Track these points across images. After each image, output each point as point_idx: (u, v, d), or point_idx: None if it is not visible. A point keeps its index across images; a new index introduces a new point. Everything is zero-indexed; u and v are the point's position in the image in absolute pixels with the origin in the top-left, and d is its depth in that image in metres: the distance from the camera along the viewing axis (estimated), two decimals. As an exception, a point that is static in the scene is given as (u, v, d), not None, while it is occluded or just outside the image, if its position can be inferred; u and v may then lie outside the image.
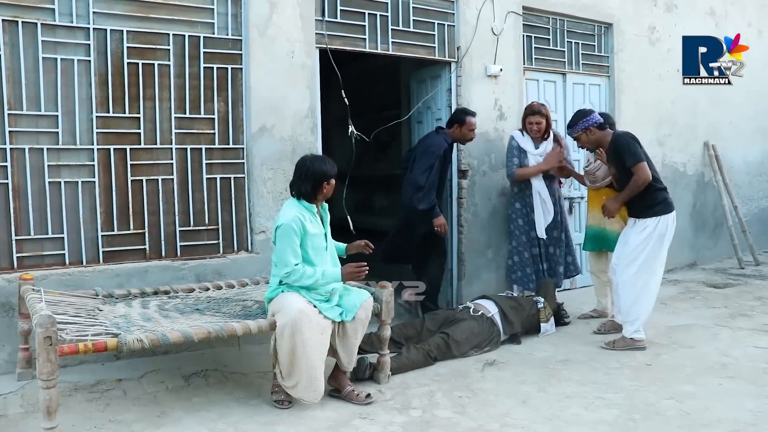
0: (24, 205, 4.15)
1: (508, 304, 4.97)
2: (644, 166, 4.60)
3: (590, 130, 4.82)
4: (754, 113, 8.99)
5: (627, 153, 4.62)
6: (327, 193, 3.81)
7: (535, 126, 5.59)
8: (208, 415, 3.51)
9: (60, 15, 4.19)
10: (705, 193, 8.34)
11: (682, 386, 3.99)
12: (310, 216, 3.74)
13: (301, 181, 3.74)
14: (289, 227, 3.61)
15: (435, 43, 5.81)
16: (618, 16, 7.16)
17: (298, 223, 3.63)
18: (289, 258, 3.61)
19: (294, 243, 3.62)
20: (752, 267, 8.15)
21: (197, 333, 3.37)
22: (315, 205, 3.80)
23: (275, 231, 3.68)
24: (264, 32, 4.81)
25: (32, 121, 4.16)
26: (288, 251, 3.61)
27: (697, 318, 5.56)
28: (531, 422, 3.47)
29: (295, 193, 3.78)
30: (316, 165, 3.73)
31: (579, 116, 4.92)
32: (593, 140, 4.87)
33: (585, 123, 4.83)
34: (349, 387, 3.80)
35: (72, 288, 4.10)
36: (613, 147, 4.72)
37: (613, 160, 4.77)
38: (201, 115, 4.71)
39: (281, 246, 3.63)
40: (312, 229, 3.71)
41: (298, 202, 3.76)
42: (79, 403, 3.63)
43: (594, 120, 4.82)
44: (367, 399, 3.72)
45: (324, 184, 3.75)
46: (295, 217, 3.64)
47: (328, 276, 3.69)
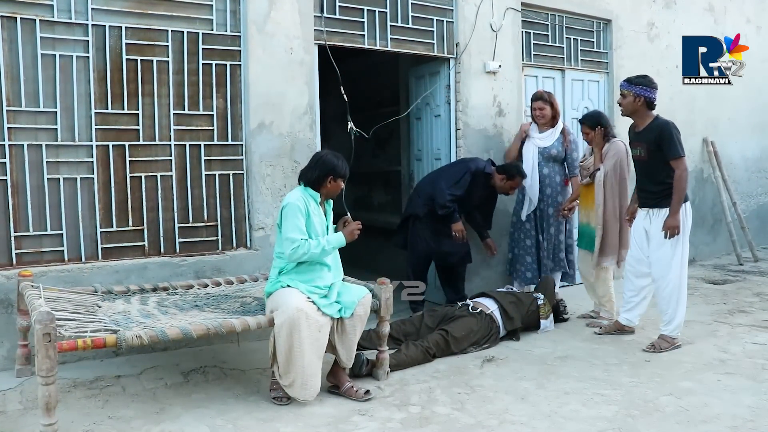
0: (23, 202, 4.15)
1: (508, 300, 4.97)
2: (682, 162, 4.48)
3: (639, 98, 4.57)
4: (753, 109, 9.00)
5: (672, 142, 4.47)
6: (330, 190, 3.82)
7: (537, 111, 5.64)
8: (207, 412, 3.51)
9: (58, 11, 4.18)
10: (704, 190, 8.35)
11: (681, 382, 4.00)
12: (314, 204, 3.77)
13: (309, 169, 3.81)
14: (294, 206, 3.66)
15: (434, 40, 5.81)
16: (617, 12, 7.16)
17: (303, 204, 3.69)
18: (295, 234, 3.63)
19: (299, 221, 3.65)
20: (751, 263, 8.16)
21: (196, 329, 3.37)
22: (320, 195, 3.82)
23: (281, 212, 3.72)
24: (262, 29, 4.80)
25: (31, 118, 4.16)
26: (294, 229, 3.64)
27: (695, 314, 5.56)
28: (530, 418, 3.47)
29: (302, 179, 3.82)
30: (328, 158, 3.80)
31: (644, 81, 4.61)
32: (633, 109, 4.61)
33: (644, 91, 4.56)
34: (348, 383, 3.80)
35: (71, 284, 4.10)
36: (658, 131, 4.53)
37: (650, 145, 4.56)
38: (200, 112, 4.71)
39: (287, 224, 3.65)
40: (315, 217, 3.74)
41: (304, 188, 3.79)
42: (78, 400, 3.63)
43: (650, 95, 4.58)
44: (367, 395, 3.72)
45: (329, 178, 3.77)
46: (300, 197, 3.71)
47: (332, 241, 3.75)
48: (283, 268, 3.76)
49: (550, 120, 5.70)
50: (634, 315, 4.98)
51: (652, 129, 4.58)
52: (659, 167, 4.54)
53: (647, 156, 4.61)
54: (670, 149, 4.48)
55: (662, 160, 4.52)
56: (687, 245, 4.66)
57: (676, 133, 4.53)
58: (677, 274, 4.62)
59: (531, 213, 5.75)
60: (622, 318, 5.04)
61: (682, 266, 4.64)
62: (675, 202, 4.49)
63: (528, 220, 5.78)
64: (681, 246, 4.60)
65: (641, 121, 4.65)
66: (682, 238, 4.60)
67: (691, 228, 4.71)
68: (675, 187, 4.48)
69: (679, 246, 4.59)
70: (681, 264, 4.63)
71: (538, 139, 5.72)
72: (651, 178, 4.61)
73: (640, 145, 4.65)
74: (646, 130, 4.62)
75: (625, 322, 5.01)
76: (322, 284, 3.76)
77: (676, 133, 4.52)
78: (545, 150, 5.72)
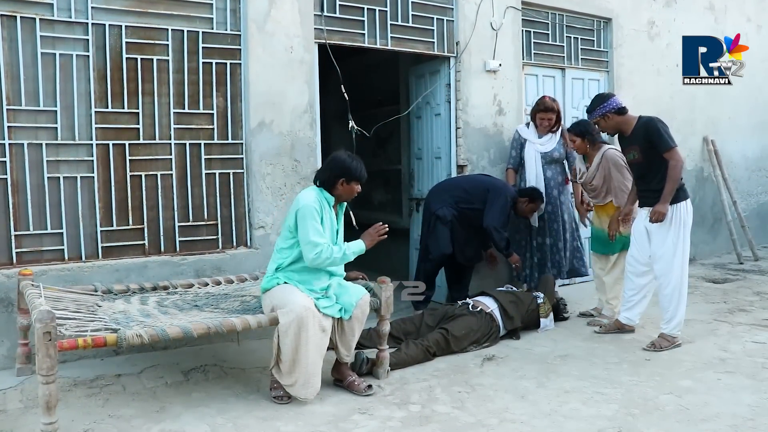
0: (23, 201, 4.15)
1: (508, 299, 4.97)
2: (679, 152, 4.50)
3: (608, 116, 4.65)
4: (753, 108, 8.99)
5: (661, 136, 4.49)
6: (343, 193, 3.77)
7: (546, 122, 5.70)
8: (207, 411, 3.51)
9: (58, 10, 4.18)
10: (704, 189, 8.35)
11: (681, 381, 4.00)
12: (327, 207, 3.75)
13: (322, 169, 3.82)
14: (310, 207, 3.61)
15: (434, 38, 5.81)
16: (617, 11, 7.15)
17: (318, 205, 3.66)
18: (316, 238, 3.59)
19: (317, 223, 3.62)
20: (751, 262, 8.16)
21: (196, 328, 3.37)
22: (333, 198, 3.78)
23: (296, 214, 3.65)
24: (263, 27, 4.80)
25: (31, 117, 4.16)
26: (314, 232, 3.59)
27: (695, 313, 5.56)
28: (530, 417, 3.47)
29: (316, 180, 3.81)
30: (341, 158, 3.75)
31: (597, 101, 4.73)
32: (612, 126, 4.70)
33: (603, 108, 4.65)
34: (351, 377, 3.82)
35: (71, 283, 4.10)
36: (644, 130, 4.56)
37: (641, 145, 4.60)
38: (200, 111, 4.71)
39: (305, 227, 3.59)
40: (326, 219, 3.72)
41: (319, 189, 3.77)
42: (79, 399, 3.63)
43: (613, 105, 4.64)
44: (368, 390, 3.75)
45: (341, 180, 3.72)
46: (315, 199, 3.67)
47: (353, 248, 3.74)
48: (280, 264, 3.75)
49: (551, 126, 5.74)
50: (634, 314, 4.98)
51: (639, 129, 4.63)
52: (656, 166, 4.55)
53: (642, 157, 4.63)
54: (660, 142, 4.50)
55: (657, 157, 4.53)
56: (688, 243, 4.66)
57: (662, 126, 4.55)
58: (678, 273, 4.62)
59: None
60: (622, 317, 5.04)
61: (683, 265, 4.64)
62: (667, 192, 4.50)
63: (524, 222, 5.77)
64: (682, 244, 4.60)
65: (626, 127, 4.70)
66: (683, 237, 4.60)
67: (692, 227, 4.71)
68: (669, 176, 4.49)
69: (680, 244, 4.60)
70: (682, 262, 4.63)
71: (539, 144, 5.72)
72: (650, 177, 4.61)
73: (633, 149, 4.69)
74: (634, 132, 4.66)
75: (626, 321, 5.01)
76: (319, 287, 3.76)
77: (662, 126, 4.55)
78: (547, 154, 5.74)
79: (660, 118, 4.63)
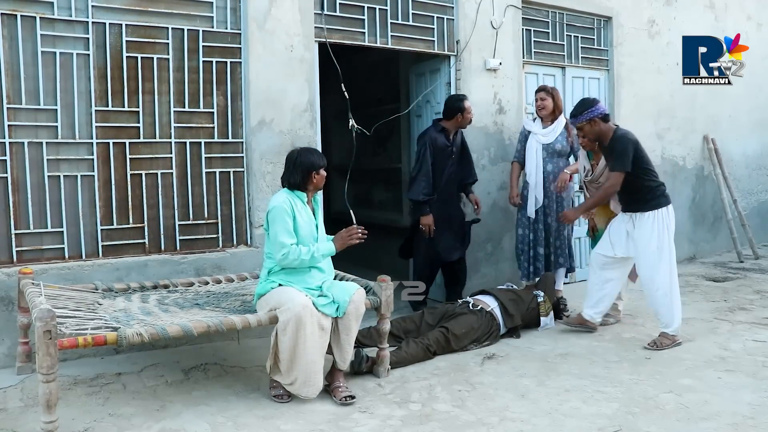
0: (23, 199, 4.15)
1: (508, 297, 4.97)
2: (619, 177, 4.50)
3: (594, 122, 4.60)
4: (754, 106, 8.98)
5: (615, 155, 4.52)
6: (318, 184, 3.84)
7: (539, 102, 5.63)
8: (208, 409, 3.51)
9: (59, 9, 4.18)
10: (704, 187, 8.34)
11: (681, 380, 4.00)
12: (300, 204, 3.77)
13: (290, 173, 3.79)
14: (280, 209, 3.66)
15: (434, 37, 5.80)
16: (617, 9, 7.14)
17: (289, 206, 3.69)
18: (285, 239, 3.63)
19: (287, 224, 3.65)
20: (751, 260, 8.15)
21: (197, 327, 3.38)
22: (306, 194, 3.83)
23: (267, 216, 3.73)
24: (263, 26, 4.80)
25: (31, 115, 4.16)
26: (283, 232, 3.64)
27: (696, 311, 5.57)
28: (530, 416, 3.47)
29: (285, 184, 3.82)
30: (304, 156, 3.80)
31: (583, 106, 4.67)
32: (596, 132, 4.64)
33: (589, 113, 4.59)
34: (337, 383, 3.74)
35: (71, 282, 4.11)
36: (610, 144, 4.60)
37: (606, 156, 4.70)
38: (200, 109, 4.71)
39: (275, 228, 3.66)
40: (301, 217, 3.73)
41: (289, 191, 3.79)
42: (79, 397, 3.64)
43: (599, 111, 4.60)
44: (346, 401, 3.61)
45: (313, 174, 3.78)
46: (285, 199, 3.70)
47: (322, 250, 3.75)
48: (272, 268, 3.76)
49: (551, 114, 5.67)
50: (597, 312, 4.98)
51: (609, 142, 4.64)
52: (633, 174, 4.55)
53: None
54: (612, 159, 4.57)
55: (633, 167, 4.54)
56: (673, 248, 4.68)
57: (624, 146, 4.53)
58: (666, 279, 4.62)
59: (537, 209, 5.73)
60: (585, 312, 5.01)
61: (671, 270, 4.65)
62: (586, 204, 4.81)
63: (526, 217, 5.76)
64: (668, 249, 4.62)
65: (605, 136, 4.67)
66: (668, 241, 4.62)
67: (692, 225, 4.72)
68: (597, 194, 4.69)
69: (665, 250, 4.61)
70: (669, 268, 4.64)
71: (541, 135, 5.68)
72: (628, 185, 4.59)
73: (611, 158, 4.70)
74: (609, 143, 4.65)
75: (588, 318, 4.99)
76: (314, 284, 3.76)
77: (623, 147, 4.53)
78: (549, 146, 5.69)
79: (631, 136, 4.62)
